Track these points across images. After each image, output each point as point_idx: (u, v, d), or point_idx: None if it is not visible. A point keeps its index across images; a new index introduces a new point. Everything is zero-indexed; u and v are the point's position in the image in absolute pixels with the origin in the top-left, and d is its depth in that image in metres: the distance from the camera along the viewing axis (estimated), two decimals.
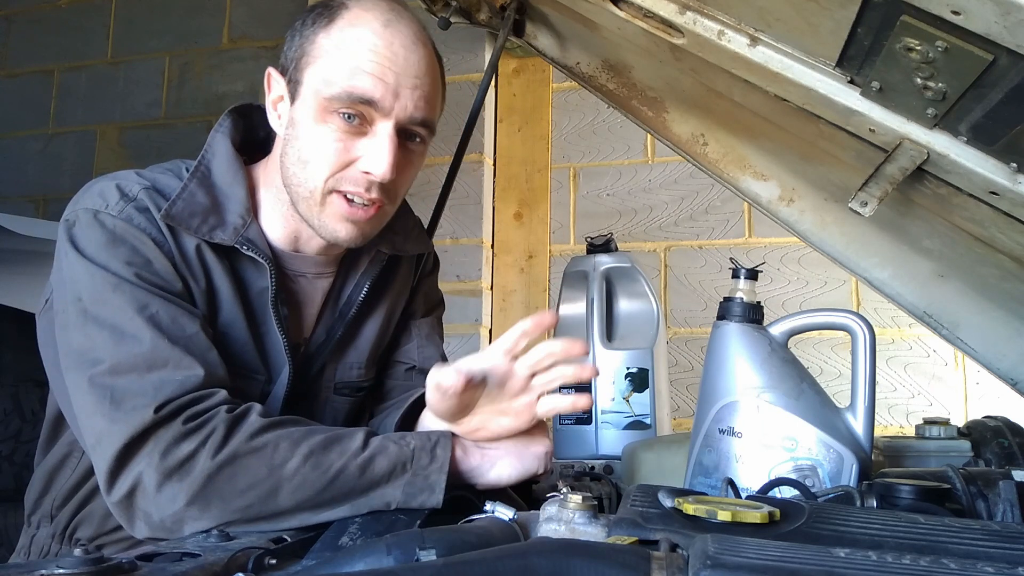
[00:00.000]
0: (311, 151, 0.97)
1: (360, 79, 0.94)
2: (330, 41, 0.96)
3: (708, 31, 1.00)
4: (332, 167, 0.97)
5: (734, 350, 0.97)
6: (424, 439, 0.93)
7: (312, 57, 0.97)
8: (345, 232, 1.01)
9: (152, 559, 0.67)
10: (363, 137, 0.97)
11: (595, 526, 0.69)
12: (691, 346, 2.65)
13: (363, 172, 0.97)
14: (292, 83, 1.00)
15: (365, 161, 0.97)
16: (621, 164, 2.83)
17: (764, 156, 1.40)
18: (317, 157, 0.97)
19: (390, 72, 0.95)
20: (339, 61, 0.95)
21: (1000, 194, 0.89)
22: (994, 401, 2.34)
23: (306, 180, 0.98)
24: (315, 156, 0.97)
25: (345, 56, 0.95)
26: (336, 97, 0.94)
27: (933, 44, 0.73)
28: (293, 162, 0.99)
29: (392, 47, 0.95)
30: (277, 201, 1.05)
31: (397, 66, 0.95)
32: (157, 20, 3.45)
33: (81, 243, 0.93)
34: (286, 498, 0.85)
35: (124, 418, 0.85)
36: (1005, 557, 0.58)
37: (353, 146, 0.97)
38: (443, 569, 0.55)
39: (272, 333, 1.03)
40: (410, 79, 0.96)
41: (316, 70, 0.97)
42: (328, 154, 0.96)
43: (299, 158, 0.98)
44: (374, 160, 0.96)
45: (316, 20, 0.99)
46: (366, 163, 0.96)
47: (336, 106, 0.95)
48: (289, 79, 1.00)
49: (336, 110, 0.95)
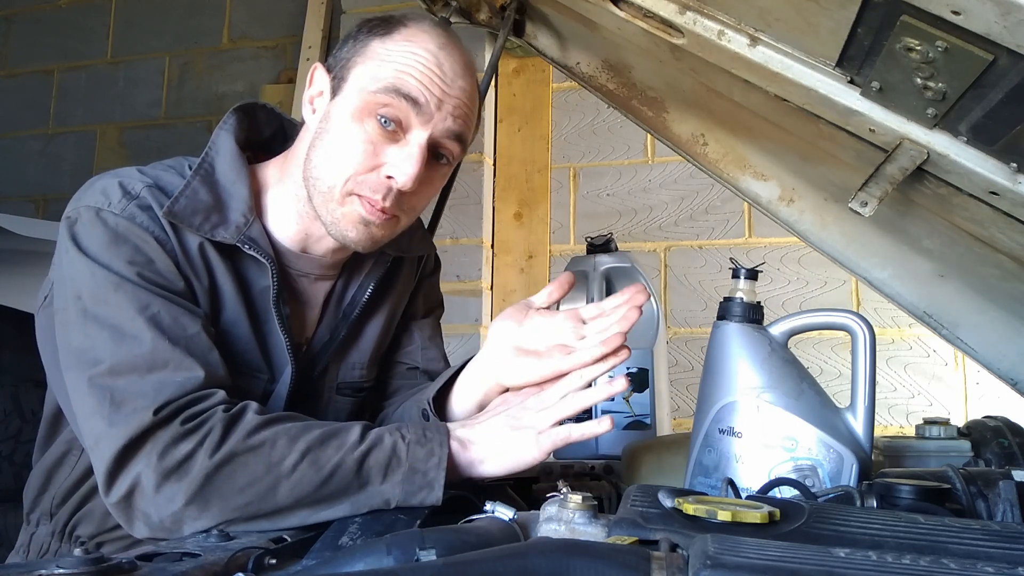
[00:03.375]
0: (339, 148, 0.98)
1: (408, 80, 0.96)
2: (384, 48, 0.98)
3: (708, 31, 1.00)
4: (356, 168, 0.97)
5: (734, 350, 0.97)
6: (419, 432, 0.92)
7: (363, 58, 0.99)
8: (355, 234, 1.01)
9: (152, 559, 0.67)
10: (394, 144, 0.97)
11: (595, 526, 0.69)
12: (691, 346, 2.66)
13: (386, 177, 0.97)
14: (336, 79, 1.01)
15: (391, 167, 0.97)
16: (621, 164, 2.83)
17: (764, 156, 1.40)
18: (344, 155, 0.97)
19: (437, 86, 0.97)
20: (390, 63, 0.97)
21: (1000, 194, 0.89)
22: (994, 401, 2.35)
23: (327, 175, 0.99)
24: (342, 154, 0.98)
25: (395, 60, 0.97)
26: (382, 90, 0.96)
27: (933, 44, 0.73)
28: (319, 155, 1.00)
29: (443, 67, 0.98)
30: (293, 198, 1.05)
31: (445, 84, 0.98)
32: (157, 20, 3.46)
33: (83, 241, 0.93)
34: (285, 495, 0.85)
35: (123, 420, 0.85)
36: (1005, 557, 0.58)
37: (382, 151, 0.97)
38: (443, 569, 0.55)
39: (274, 332, 1.03)
40: (453, 100, 0.98)
41: (364, 69, 0.98)
42: (356, 154, 0.97)
43: (326, 153, 0.99)
44: (400, 167, 0.96)
45: (373, 29, 1.00)
46: (391, 168, 0.97)
47: (377, 103, 0.96)
48: (334, 76, 1.01)
49: (375, 112, 0.96)
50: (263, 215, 1.06)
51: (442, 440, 0.92)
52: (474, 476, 0.94)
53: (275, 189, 1.06)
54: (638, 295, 1.02)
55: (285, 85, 3.17)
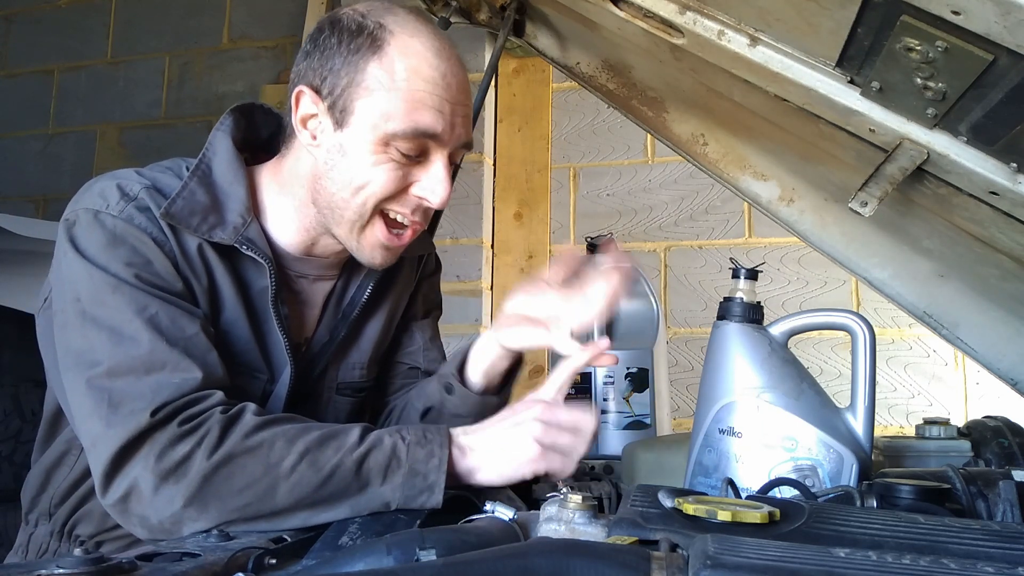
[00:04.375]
0: (367, 178, 0.97)
1: (422, 115, 0.95)
2: (384, 74, 0.95)
3: (708, 31, 1.00)
4: (387, 193, 0.99)
5: (734, 350, 0.97)
6: (419, 434, 0.92)
7: (364, 88, 0.96)
8: (381, 259, 1.04)
9: (152, 559, 0.67)
10: (418, 165, 0.99)
11: (595, 526, 0.69)
12: (691, 346, 2.66)
13: (417, 197, 1.00)
14: (339, 110, 0.97)
15: (421, 188, 0.99)
16: (621, 164, 2.83)
17: (764, 156, 1.40)
18: (373, 184, 0.98)
19: (447, 104, 0.97)
20: (399, 97, 0.95)
21: (1000, 194, 0.89)
22: (994, 401, 2.35)
23: (358, 205, 0.99)
24: (372, 183, 0.98)
25: (406, 91, 0.95)
26: (400, 133, 0.95)
27: (933, 44, 0.73)
28: (341, 187, 0.99)
29: (446, 78, 0.97)
30: (297, 213, 1.05)
31: (451, 96, 0.97)
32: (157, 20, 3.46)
33: (81, 243, 0.93)
34: (284, 496, 0.85)
35: (120, 421, 0.85)
36: (1005, 557, 0.58)
37: (409, 173, 0.99)
38: (443, 569, 0.55)
39: (273, 333, 1.03)
40: (461, 107, 0.99)
41: (372, 103, 0.95)
42: (386, 182, 0.98)
43: (351, 184, 0.98)
44: (433, 190, 0.99)
45: (360, 46, 0.96)
46: (422, 190, 0.99)
47: (399, 140, 0.96)
48: (332, 104, 0.98)
49: (394, 143, 0.96)
50: (261, 216, 1.06)
51: (442, 442, 0.92)
52: (471, 483, 0.94)
53: (273, 197, 1.06)
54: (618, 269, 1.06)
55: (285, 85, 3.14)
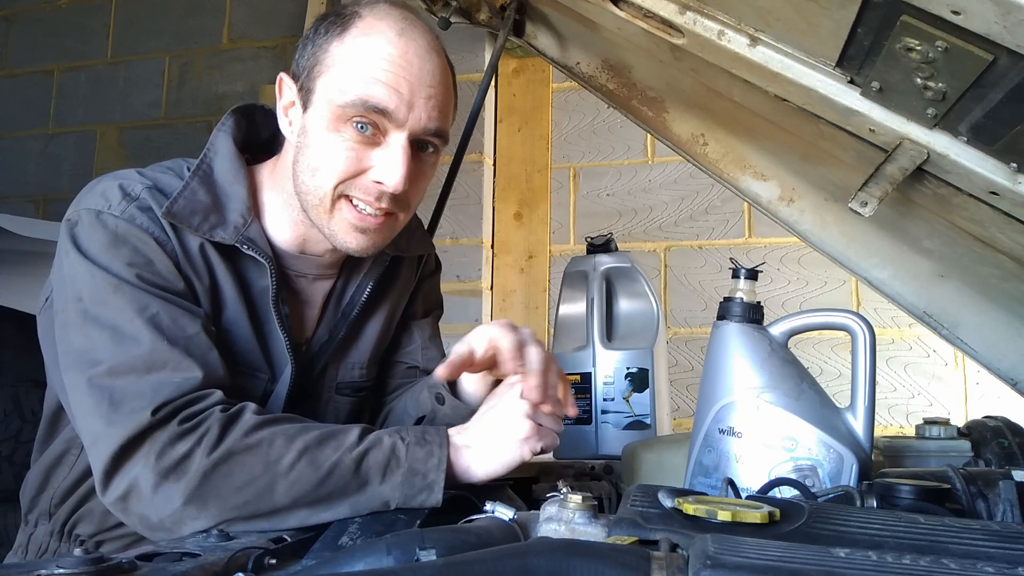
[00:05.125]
0: (322, 159, 0.97)
1: (374, 88, 0.94)
2: (343, 50, 0.96)
3: (708, 31, 1.00)
4: (341, 175, 0.97)
5: (734, 350, 0.97)
6: (418, 434, 0.92)
7: (325, 66, 0.97)
8: (356, 242, 1.01)
9: (152, 559, 0.67)
10: (376, 147, 0.97)
11: (595, 526, 0.69)
12: (691, 346, 2.66)
13: (375, 182, 0.97)
14: (304, 91, 0.99)
15: (377, 171, 0.97)
16: (621, 164, 2.83)
17: (764, 156, 1.40)
18: (327, 165, 0.97)
19: (404, 82, 0.95)
20: (352, 70, 0.95)
21: (1000, 194, 0.89)
22: (994, 401, 2.35)
23: (316, 188, 0.98)
24: (325, 164, 0.97)
25: (358, 65, 0.95)
26: (350, 104, 0.94)
27: (933, 44, 0.73)
28: (303, 169, 0.99)
29: (406, 56, 0.95)
30: (286, 206, 1.05)
31: (412, 76, 0.95)
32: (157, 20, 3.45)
33: (83, 243, 0.93)
34: (283, 494, 0.85)
35: (121, 420, 0.85)
36: (1005, 557, 0.58)
37: (366, 156, 0.97)
38: (443, 569, 0.55)
39: (274, 332, 1.04)
40: (424, 89, 0.96)
41: (329, 79, 0.96)
42: (339, 162, 0.96)
43: (309, 165, 0.98)
44: (387, 171, 0.96)
45: (329, 29, 0.98)
46: (378, 173, 0.97)
47: (350, 114, 0.95)
48: (301, 87, 1.00)
49: (349, 119, 0.95)
50: (261, 216, 1.06)
51: (441, 441, 0.92)
52: (473, 480, 0.94)
53: (270, 194, 1.07)
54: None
55: None
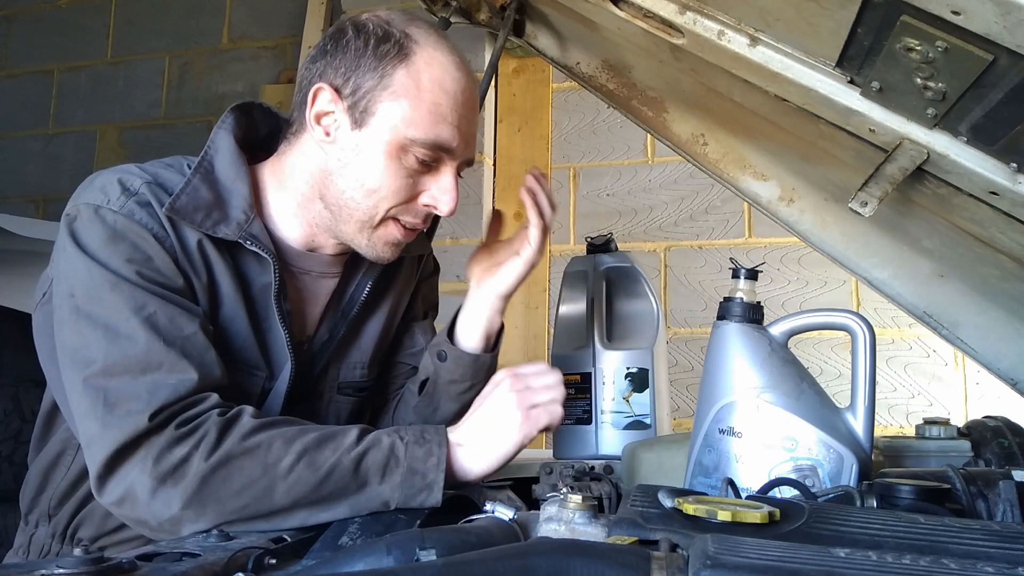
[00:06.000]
0: (380, 181, 1.00)
1: (444, 129, 0.99)
2: (412, 81, 0.98)
3: (708, 31, 1.00)
4: (400, 199, 1.02)
5: (734, 350, 0.97)
6: (417, 434, 0.93)
7: (391, 92, 0.98)
8: (390, 254, 1.07)
9: (152, 559, 0.67)
10: (428, 175, 1.02)
11: (595, 526, 0.69)
12: (691, 346, 2.66)
13: (425, 205, 1.04)
14: (360, 110, 0.99)
15: (431, 197, 1.03)
16: (621, 164, 2.83)
17: (764, 156, 1.40)
18: (386, 189, 1.00)
19: (463, 120, 1.01)
20: (425, 105, 0.98)
21: (1000, 194, 0.89)
22: (994, 401, 2.35)
23: (368, 207, 1.01)
24: (384, 187, 1.00)
25: (430, 101, 0.98)
26: (420, 142, 0.98)
27: (933, 44, 0.73)
28: (352, 186, 1.01)
29: (466, 94, 1.01)
30: (296, 206, 1.06)
31: (469, 113, 1.03)
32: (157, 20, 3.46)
33: (82, 239, 0.93)
34: (282, 497, 0.85)
35: (117, 423, 0.85)
36: (1005, 557, 0.58)
37: (420, 181, 1.02)
38: (443, 569, 0.55)
39: (275, 329, 1.03)
40: (474, 124, 1.05)
41: (397, 107, 0.98)
42: (399, 188, 1.01)
43: (363, 185, 1.00)
44: (442, 199, 1.03)
45: (387, 52, 0.98)
46: (433, 199, 1.03)
47: (415, 148, 0.99)
48: (354, 104, 0.99)
49: (412, 151, 0.99)
50: (263, 213, 1.06)
51: (440, 440, 0.92)
52: (469, 478, 0.95)
53: (275, 193, 1.07)
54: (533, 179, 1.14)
55: (285, 85, 3.17)
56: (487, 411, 0.99)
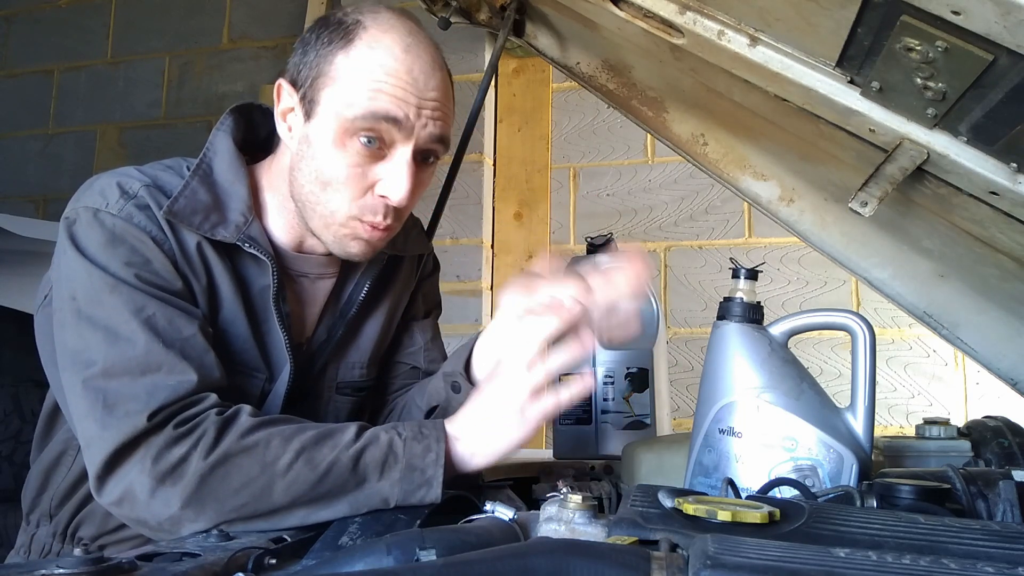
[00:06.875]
0: (330, 174, 0.97)
1: (382, 101, 0.94)
2: (349, 63, 0.95)
3: (708, 31, 1.00)
4: (353, 193, 0.98)
5: (734, 350, 0.97)
6: (416, 429, 0.92)
7: (329, 78, 0.96)
8: (357, 249, 1.03)
9: (152, 559, 0.67)
10: (381, 161, 0.98)
11: (595, 526, 0.69)
12: (691, 346, 2.65)
13: (380, 196, 0.98)
14: (307, 101, 0.98)
15: (383, 185, 0.98)
16: (621, 164, 2.82)
17: (764, 156, 1.40)
18: (337, 182, 0.97)
19: (412, 95, 0.95)
20: (359, 84, 0.95)
21: (1000, 194, 0.89)
22: (994, 401, 2.34)
23: (327, 202, 0.99)
24: (335, 181, 0.97)
25: (365, 79, 0.94)
26: (359, 117, 0.94)
27: (933, 44, 0.73)
28: (309, 180, 0.99)
29: (412, 72, 0.96)
30: (282, 208, 1.06)
31: (417, 90, 0.96)
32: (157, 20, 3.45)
33: (81, 242, 0.93)
34: (281, 495, 0.85)
35: (116, 424, 0.85)
36: (1005, 557, 0.58)
37: (371, 170, 0.98)
38: (443, 569, 0.55)
39: (274, 331, 1.04)
40: (429, 104, 0.97)
41: (335, 92, 0.96)
42: (348, 179, 0.97)
43: (317, 178, 0.98)
44: (392, 185, 0.97)
45: (332, 39, 0.97)
46: (384, 187, 0.98)
47: (358, 127, 0.95)
48: (303, 96, 0.99)
49: (356, 133, 0.95)
50: (262, 215, 1.06)
51: (439, 436, 0.91)
52: (469, 470, 0.93)
53: (268, 193, 1.07)
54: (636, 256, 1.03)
55: None
56: (486, 400, 0.95)
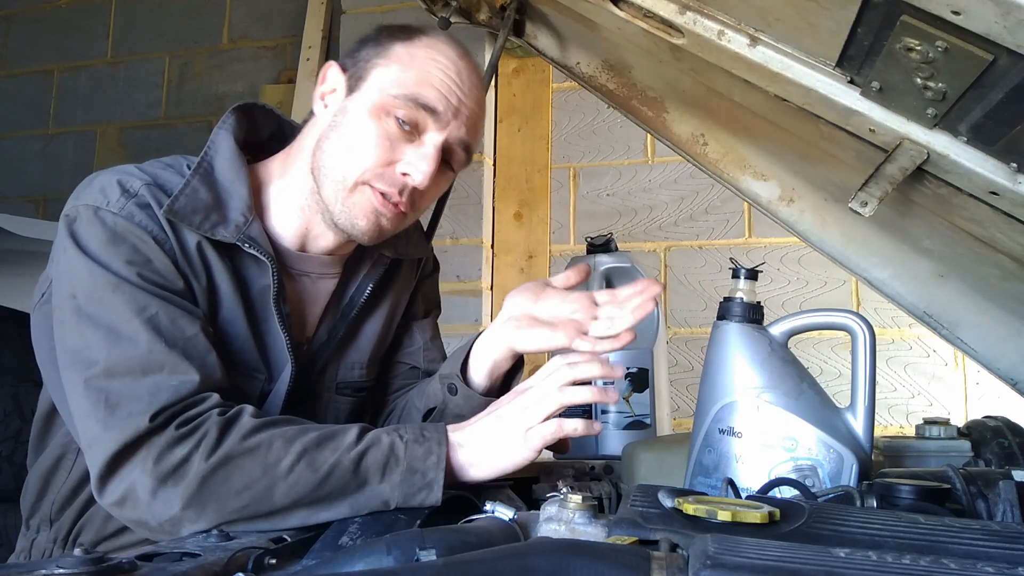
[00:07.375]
0: (356, 141, 1.01)
1: (428, 90, 1.00)
2: (407, 51, 1.02)
3: (708, 31, 1.00)
4: (373, 162, 1.00)
5: (734, 350, 0.97)
6: (417, 432, 0.92)
7: (384, 59, 1.02)
8: (365, 223, 1.03)
9: (152, 559, 0.67)
10: (410, 144, 1.01)
11: (595, 526, 0.69)
12: (691, 346, 2.65)
13: (402, 174, 1.01)
14: (354, 78, 1.04)
15: (407, 164, 1.00)
16: (621, 164, 2.83)
17: (764, 156, 1.40)
18: (361, 149, 1.00)
19: (455, 94, 1.01)
20: (411, 70, 1.01)
21: (1000, 194, 0.89)
22: (994, 401, 2.35)
23: (342, 166, 1.01)
24: (359, 147, 1.00)
25: (418, 67, 1.01)
26: (402, 97, 0.99)
27: (933, 44, 0.73)
28: (332, 147, 1.02)
29: (461, 76, 1.02)
30: (296, 191, 1.06)
31: (462, 93, 1.02)
32: (157, 20, 3.46)
33: (82, 240, 0.93)
34: (282, 496, 0.85)
35: (118, 424, 0.84)
36: (1005, 557, 0.58)
37: (399, 148, 1.01)
38: (443, 569, 0.55)
39: (274, 332, 1.03)
40: (467, 108, 1.03)
41: (386, 71, 1.02)
42: (372, 148, 1.00)
43: (342, 145, 1.01)
44: (417, 165, 1.00)
45: (395, 34, 1.05)
46: (407, 166, 1.00)
47: (398, 106, 0.99)
48: (351, 75, 1.04)
49: (394, 112, 0.99)
50: (262, 214, 1.06)
51: (440, 439, 0.91)
52: (466, 480, 0.93)
53: (276, 185, 1.07)
54: (652, 286, 1.04)
55: (285, 85, 3.17)
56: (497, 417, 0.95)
